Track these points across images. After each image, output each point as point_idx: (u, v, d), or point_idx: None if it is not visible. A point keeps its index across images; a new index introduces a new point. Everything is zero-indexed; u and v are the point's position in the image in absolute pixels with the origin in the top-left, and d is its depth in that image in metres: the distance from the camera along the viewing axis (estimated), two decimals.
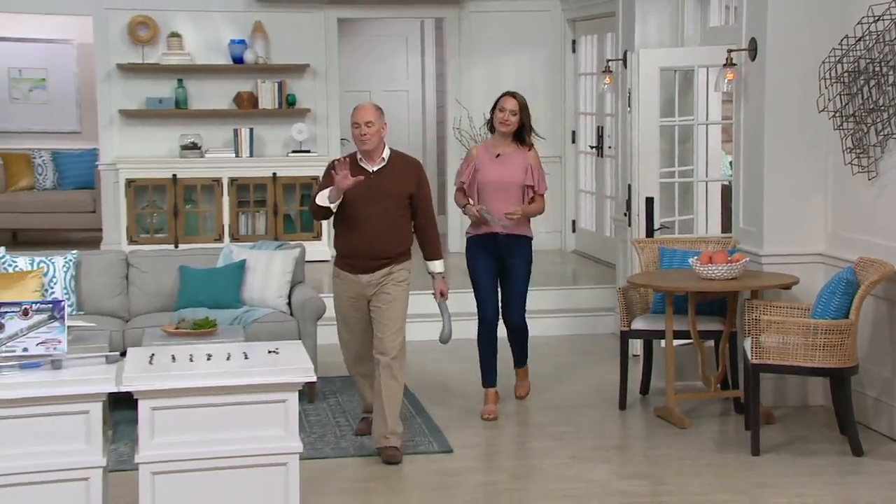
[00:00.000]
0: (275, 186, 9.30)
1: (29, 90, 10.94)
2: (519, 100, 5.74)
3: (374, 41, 11.02)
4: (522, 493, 4.79)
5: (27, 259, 6.10)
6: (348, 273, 5.21)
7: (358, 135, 5.09)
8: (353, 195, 5.05)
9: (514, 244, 5.76)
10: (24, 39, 10.76)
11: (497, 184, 5.69)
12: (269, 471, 3.77)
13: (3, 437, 3.56)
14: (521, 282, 5.82)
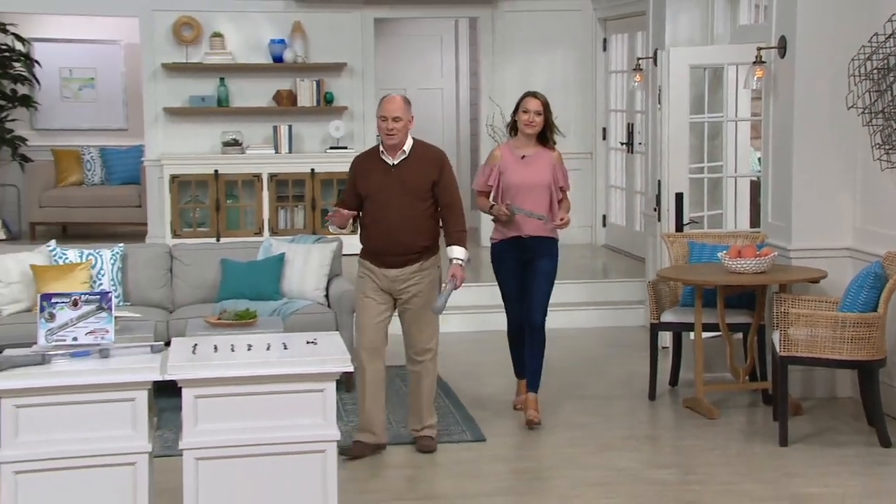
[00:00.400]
0: (313, 182, 9.32)
1: (79, 89, 11.05)
2: (541, 99, 5.48)
3: (410, 40, 11.01)
4: (554, 481, 4.77)
5: (76, 252, 6.16)
6: (373, 265, 5.01)
7: (385, 128, 4.87)
8: (376, 189, 4.90)
9: (540, 246, 5.48)
10: (74, 40, 10.86)
11: (525, 186, 5.41)
12: (307, 458, 3.77)
13: (54, 423, 3.59)
14: (544, 282, 5.50)
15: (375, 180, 4.92)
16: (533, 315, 5.50)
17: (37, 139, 10.67)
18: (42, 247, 6.22)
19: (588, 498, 4.55)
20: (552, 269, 5.53)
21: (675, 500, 4.53)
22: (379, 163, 4.93)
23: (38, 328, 3.78)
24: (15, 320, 5.77)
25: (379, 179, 4.91)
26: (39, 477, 3.58)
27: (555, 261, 5.55)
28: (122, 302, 6.09)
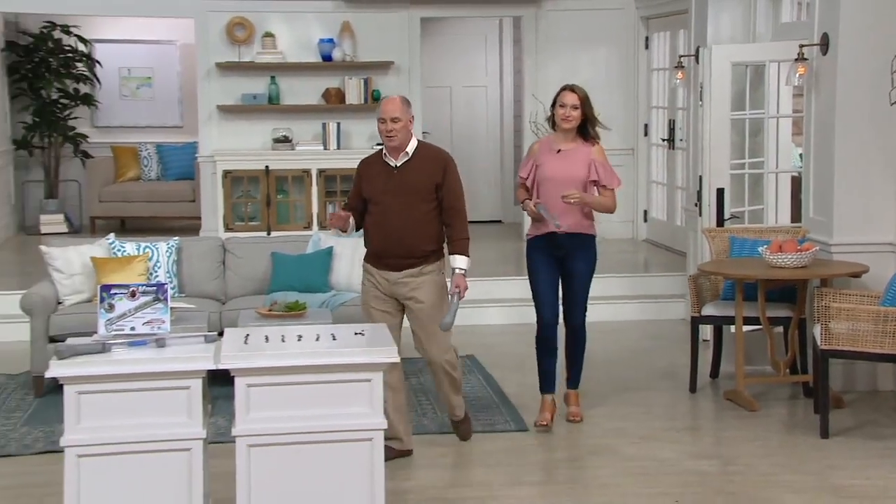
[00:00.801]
0: None
1: (137, 88, 11.18)
2: (579, 93, 5.14)
3: (455, 39, 11.00)
4: (595, 470, 4.74)
5: (134, 245, 6.22)
6: (375, 269, 4.78)
7: (384, 131, 4.64)
8: (378, 192, 4.68)
9: (575, 243, 5.16)
10: (133, 41, 11.00)
11: (557, 180, 5.11)
12: (355, 446, 3.78)
13: (113, 409, 3.64)
14: (582, 283, 5.23)
15: (378, 183, 4.71)
16: (573, 315, 5.29)
17: (97, 136, 10.83)
18: (102, 240, 6.29)
19: (629, 487, 4.52)
20: (589, 268, 5.24)
21: (716, 491, 4.48)
22: (382, 165, 4.72)
23: (99, 318, 3.83)
24: (77, 310, 5.85)
25: (381, 182, 4.70)
26: (100, 461, 3.63)
27: (592, 258, 5.25)
28: (177, 293, 6.15)
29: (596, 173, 5.15)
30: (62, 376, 3.61)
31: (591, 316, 7.47)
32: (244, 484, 3.71)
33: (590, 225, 5.21)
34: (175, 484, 3.66)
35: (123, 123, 11.08)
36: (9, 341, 6.75)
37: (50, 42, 10.28)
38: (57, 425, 5.06)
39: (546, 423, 5.19)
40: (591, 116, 5.19)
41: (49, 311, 5.80)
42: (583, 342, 5.36)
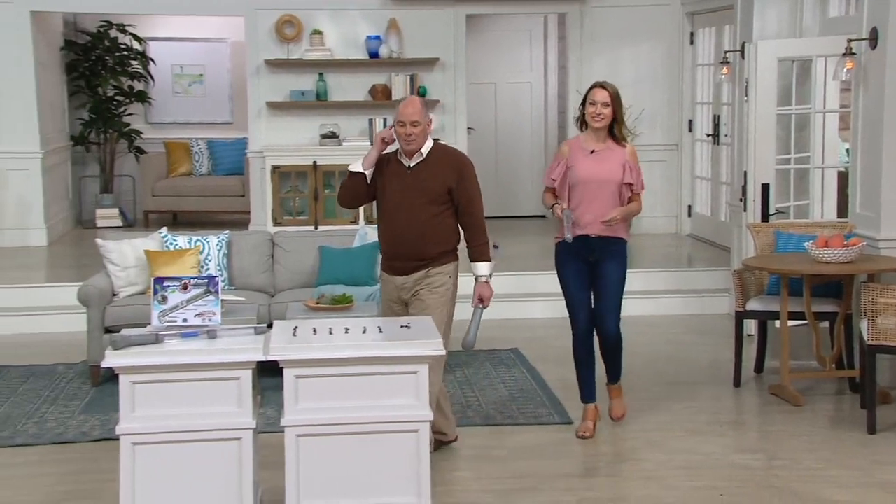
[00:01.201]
0: None
1: (189, 85, 11.29)
2: (610, 90, 4.84)
3: (500, 36, 10.96)
4: (639, 463, 4.70)
5: (186, 238, 6.28)
6: (387, 274, 4.62)
7: (403, 134, 4.46)
8: (389, 190, 4.53)
9: (606, 247, 4.88)
10: (185, 39, 11.10)
11: (593, 182, 4.82)
12: (401, 437, 3.79)
13: (166, 399, 3.67)
14: (614, 288, 4.92)
15: (390, 180, 4.54)
16: (606, 324, 4.94)
17: (150, 132, 10.94)
18: (155, 233, 6.36)
19: (673, 480, 4.48)
20: (621, 272, 4.94)
21: (761, 485, 4.42)
22: (396, 164, 4.55)
23: (152, 310, 3.87)
24: (131, 302, 5.92)
25: (393, 180, 4.53)
26: (153, 448, 3.67)
27: (623, 262, 4.96)
28: (227, 286, 6.19)
29: (633, 177, 4.88)
30: (117, 366, 3.65)
31: (635, 310, 7.49)
32: (293, 473, 3.74)
33: (622, 228, 4.92)
34: (226, 472, 3.70)
35: (176, 120, 11.19)
36: (67, 332, 6.85)
37: (106, 41, 10.41)
38: (113, 414, 5.14)
39: (587, 434, 4.97)
40: (619, 116, 4.90)
41: (105, 303, 5.87)
42: (619, 350, 5.05)
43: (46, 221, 9.28)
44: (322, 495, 3.74)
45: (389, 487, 3.77)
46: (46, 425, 5.14)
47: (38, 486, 4.40)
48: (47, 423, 5.17)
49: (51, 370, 6.13)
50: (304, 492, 3.74)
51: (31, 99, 9.06)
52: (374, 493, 3.77)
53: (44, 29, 9.52)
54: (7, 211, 9.07)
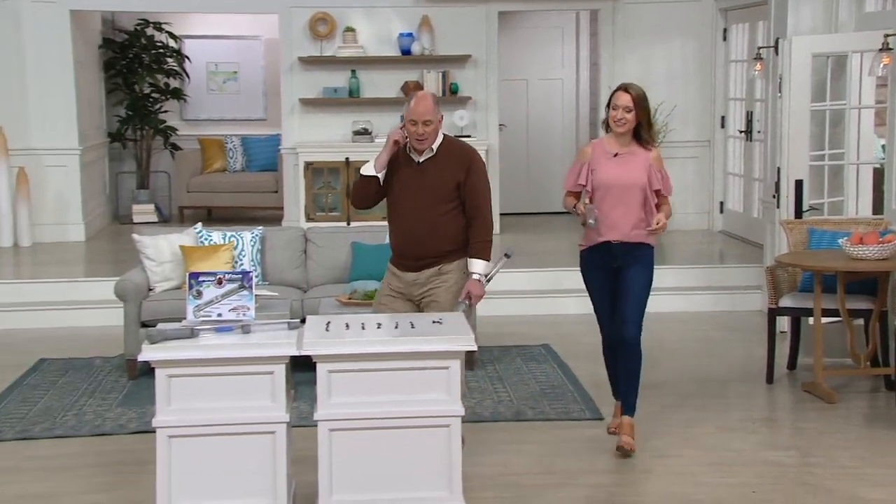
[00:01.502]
0: None
1: (223, 82, 11.35)
2: (633, 94, 4.58)
3: (532, 32, 10.92)
4: (671, 459, 4.67)
5: (220, 234, 6.31)
6: (398, 270, 4.48)
7: (415, 133, 4.29)
8: (399, 187, 4.37)
9: (630, 253, 4.65)
10: (220, 37, 11.17)
11: (616, 186, 4.60)
12: (433, 432, 3.79)
13: (200, 392, 3.69)
14: (636, 295, 4.65)
15: (400, 177, 4.38)
16: (625, 329, 4.66)
17: (185, 129, 11.03)
18: (190, 229, 6.40)
19: (705, 477, 4.44)
20: (645, 279, 4.67)
21: (794, 482, 4.38)
22: (405, 158, 4.39)
23: (187, 304, 3.89)
24: (167, 297, 5.96)
25: (403, 176, 4.38)
26: (189, 441, 3.69)
27: (648, 269, 4.69)
28: (260, 281, 6.22)
29: (660, 182, 4.65)
30: (154, 360, 3.68)
31: (666, 306, 7.45)
32: (325, 466, 3.75)
33: (646, 234, 4.65)
34: (260, 465, 3.72)
35: (210, 116, 11.26)
36: (104, 325, 6.92)
37: (143, 39, 10.50)
38: (149, 406, 5.18)
39: (618, 429, 4.79)
40: (644, 122, 4.63)
41: (141, 298, 5.92)
42: (637, 361, 4.74)
43: (84, 217, 9.37)
44: (354, 489, 3.75)
45: (421, 482, 3.78)
46: (85, 417, 5.20)
47: (78, 477, 4.45)
48: (86, 416, 5.22)
49: (89, 363, 6.19)
50: (337, 485, 3.75)
51: (70, 96, 9.16)
52: (406, 488, 3.77)
53: (83, 28, 9.62)
54: (46, 207, 9.17)
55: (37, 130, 9.09)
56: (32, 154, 9.08)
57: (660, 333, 6.92)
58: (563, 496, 4.26)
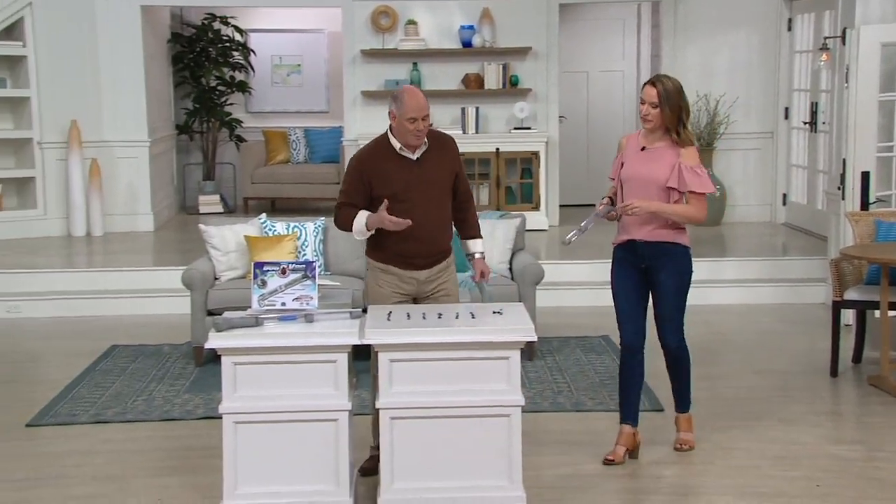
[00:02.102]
0: (498, 160, 9.33)
1: (287, 75, 11.45)
2: (661, 88, 4.26)
3: (593, 24, 10.82)
4: (733, 452, 4.60)
5: (284, 224, 6.37)
6: (400, 269, 4.23)
7: (414, 130, 4.09)
8: (400, 189, 4.13)
9: (658, 254, 4.34)
10: (284, 30, 11.27)
11: (637, 181, 4.34)
12: (493, 421, 3.79)
13: (265, 380, 3.74)
14: (669, 299, 4.38)
15: (399, 179, 4.15)
16: (665, 336, 4.43)
17: (250, 121, 11.15)
18: (254, 219, 6.46)
19: (768, 470, 4.37)
20: (677, 282, 4.37)
21: (860, 477, 4.28)
22: (397, 159, 4.17)
23: (252, 293, 3.93)
24: (232, 286, 6.03)
25: (402, 177, 4.15)
26: (254, 427, 3.74)
27: (680, 271, 4.38)
28: (322, 271, 6.26)
29: (676, 178, 4.30)
30: (220, 348, 3.73)
31: (726, 299, 7.34)
32: (387, 454, 3.77)
33: (674, 233, 4.35)
34: (323, 451, 3.75)
35: (274, 109, 11.37)
36: (172, 314, 7.04)
37: (210, 33, 10.64)
38: (215, 393, 5.26)
39: (615, 459, 4.42)
40: (674, 118, 4.27)
41: (207, 286, 6.00)
42: (685, 365, 4.54)
43: (153, 207, 9.53)
44: (415, 477, 3.76)
45: (481, 471, 3.77)
46: (154, 403, 5.29)
47: (147, 461, 4.54)
48: (155, 401, 5.32)
49: (158, 350, 6.30)
50: (398, 473, 3.76)
51: (140, 90, 9.31)
52: (466, 477, 3.77)
53: (152, 22, 9.77)
54: (117, 198, 9.35)
55: (109, 123, 9.27)
56: (104, 146, 9.26)
57: (721, 326, 6.83)
58: (623, 487, 4.23)
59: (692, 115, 9.08)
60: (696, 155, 4.36)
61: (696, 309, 7.18)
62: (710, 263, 7.74)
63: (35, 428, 4.93)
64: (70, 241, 8.85)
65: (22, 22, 8.85)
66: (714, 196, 9.20)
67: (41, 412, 5.12)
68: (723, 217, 9.35)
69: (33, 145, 9.02)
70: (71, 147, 8.96)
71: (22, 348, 6.48)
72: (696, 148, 4.37)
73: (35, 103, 8.94)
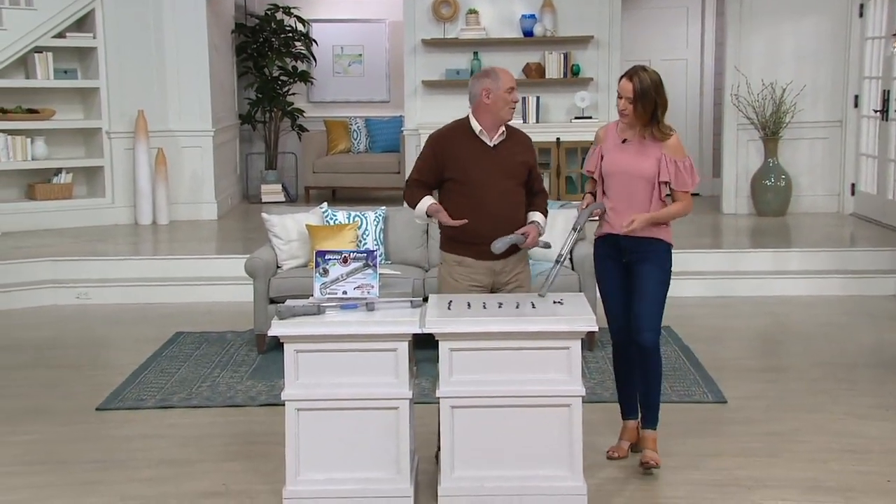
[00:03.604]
0: (558, 150, 9.27)
1: (348, 65, 11.51)
2: (637, 82, 4.05)
3: (656, 13, 10.67)
4: (799, 445, 4.51)
5: (345, 213, 6.40)
6: (475, 259, 4.20)
7: (512, 100, 4.15)
8: (474, 171, 4.14)
9: (639, 248, 4.16)
10: (346, 20, 11.34)
11: (621, 175, 4.14)
12: (553, 411, 3.77)
13: (327, 368, 3.76)
14: (648, 296, 4.14)
15: (473, 161, 4.15)
16: (640, 334, 4.16)
17: (312, 111, 11.24)
18: (316, 208, 6.51)
19: (837, 464, 4.28)
20: (657, 277, 4.16)
21: None
22: (474, 141, 4.17)
23: (314, 282, 3.96)
24: (293, 274, 6.09)
25: (477, 160, 4.15)
26: (316, 415, 3.77)
27: (660, 267, 4.17)
28: (383, 260, 6.29)
29: (673, 176, 4.12)
30: (283, 335, 3.76)
31: (791, 290, 7.21)
32: (447, 443, 3.77)
33: (658, 229, 4.17)
34: (384, 439, 3.76)
35: (335, 98, 11.44)
36: (235, 301, 7.14)
37: (273, 23, 10.74)
38: (277, 380, 5.32)
39: (617, 454, 4.33)
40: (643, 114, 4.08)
41: (269, 275, 6.07)
42: (655, 368, 4.22)
43: (217, 196, 9.67)
44: (475, 466, 3.76)
45: (542, 460, 3.76)
46: (218, 389, 5.37)
47: (212, 445, 4.61)
48: (219, 388, 5.39)
49: (221, 337, 6.39)
50: (458, 462, 3.77)
51: (204, 80, 9.44)
52: (527, 466, 3.76)
53: (217, 13, 9.90)
54: (182, 186, 9.50)
55: (174, 113, 9.41)
56: (170, 136, 9.41)
57: (785, 317, 6.71)
58: (685, 479, 4.18)
59: (761, 104, 8.96)
60: (680, 145, 4.17)
61: (759, 300, 7.13)
62: (774, 254, 7.62)
63: (104, 412, 5.04)
64: (137, 230, 9.02)
65: (93, 14, 9.03)
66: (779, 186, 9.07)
67: (110, 396, 5.24)
68: (788, 207, 9.18)
69: (102, 135, 9.20)
70: (138, 136, 9.13)
71: (91, 334, 6.63)
72: (676, 136, 4.16)
73: (104, 93, 9.12)
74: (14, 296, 7.28)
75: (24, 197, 9.09)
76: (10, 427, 4.84)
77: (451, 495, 3.77)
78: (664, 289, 4.19)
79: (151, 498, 4.03)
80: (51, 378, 5.60)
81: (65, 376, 5.63)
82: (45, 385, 5.48)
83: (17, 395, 5.31)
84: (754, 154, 9.30)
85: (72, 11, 8.91)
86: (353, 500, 3.76)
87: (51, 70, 8.93)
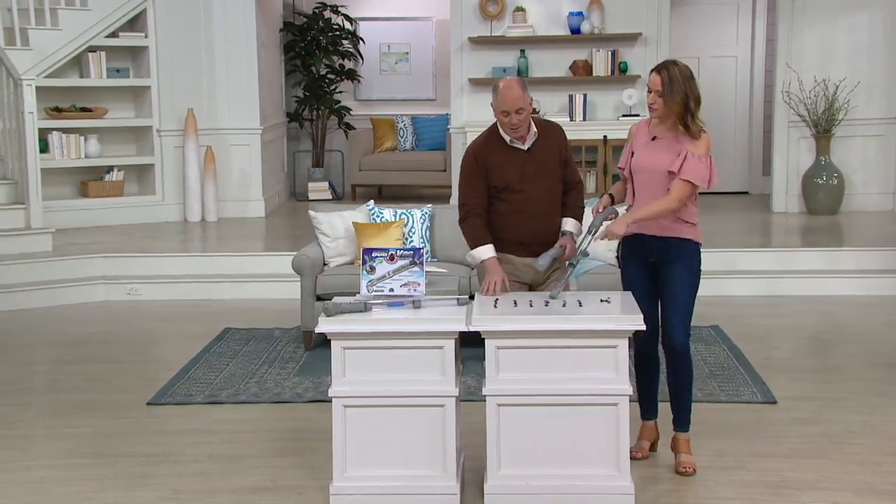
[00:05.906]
0: (605, 148, 9.22)
1: (395, 63, 11.55)
2: (666, 76, 4.02)
3: (705, 9, 10.56)
4: (852, 447, 4.44)
5: (391, 211, 6.42)
6: (517, 257, 4.26)
7: (507, 123, 4.17)
8: (516, 179, 4.20)
9: (666, 248, 4.10)
10: (393, 18, 11.38)
11: (646, 172, 4.09)
12: (600, 410, 3.76)
13: (373, 365, 3.77)
14: (676, 297, 4.09)
15: (512, 169, 4.22)
16: (669, 335, 4.11)
17: (358, 109, 11.30)
18: (362, 206, 6.54)
19: (891, 466, 4.20)
20: (686, 279, 4.10)
21: None
22: (508, 151, 4.24)
23: (361, 279, 3.99)
24: (340, 271, 6.12)
25: (516, 167, 4.22)
26: (363, 412, 3.79)
27: (689, 268, 4.11)
28: (429, 258, 6.30)
29: (679, 164, 4.03)
30: (330, 332, 3.79)
31: (845, 290, 7.09)
32: (493, 441, 3.77)
33: (685, 228, 4.10)
34: (430, 437, 3.77)
35: (382, 97, 11.49)
36: (282, 298, 7.20)
37: (321, 21, 10.81)
38: (324, 377, 5.36)
39: (640, 455, 4.27)
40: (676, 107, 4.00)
41: (316, 272, 6.11)
42: (687, 371, 4.18)
43: (264, 194, 9.76)
44: (521, 464, 3.76)
45: (588, 459, 3.75)
46: (265, 385, 5.42)
47: (259, 441, 4.65)
48: (266, 384, 5.45)
49: (268, 334, 6.45)
50: (505, 460, 3.77)
51: (253, 78, 9.53)
52: (573, 465, 3.75)
53: (266, 12, 9.99)
54: (230, 184, 9.60)
55: (223, 111, 9.52)
56: (219, 133, 9.51)
57: (838, 318, 6.61)
58: (733, 479, 4.13)
59: (813, 101, 8.83)
60: (707, 145, 4.07)
61: (811, 300, 7.03)
62: (825, 253, 7.50)
63: (155, 407, 5.12)
64: (186, 227, 9.14)
65: (144, 14, 9.16)
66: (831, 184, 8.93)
67: (160, 391, 5.31)
68: (840, 206, 9.03)
69: (152, 133, 9.33)
70: (187, 134, 9.24)
71: (141, 329, 6.73)
72: (707, 137, 4.08)
73: (154, 92, 9.24)
74: (66, 292, 7.42)
75: (77, 194, 9.25)
76: (63, 420, 4.94)
77: (498, 493, 3.77)
78: (694, 291, 4.15)
79: (202, 492, 4.08)
80: (102, 373, 5.70)
81: (116, 371, 5.73)
82: (96, 380, 5.58)
83: (69, 390, 5.42)
84: (805, 152, 9.17)
85: (124, 11, 9.05)
86: (400, 497, 3.78)
87: (104, 69, 9.08)
